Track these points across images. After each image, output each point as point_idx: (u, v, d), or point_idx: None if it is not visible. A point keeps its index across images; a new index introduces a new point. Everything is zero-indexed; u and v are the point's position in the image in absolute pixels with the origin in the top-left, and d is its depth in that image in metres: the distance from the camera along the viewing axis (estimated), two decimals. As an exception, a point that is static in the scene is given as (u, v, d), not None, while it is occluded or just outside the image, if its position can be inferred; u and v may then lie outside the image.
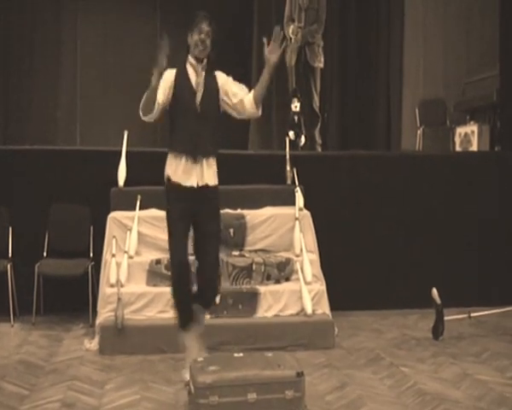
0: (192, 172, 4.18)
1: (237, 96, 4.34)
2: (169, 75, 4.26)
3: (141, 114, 4.19)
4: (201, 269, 4.29)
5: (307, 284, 5.37)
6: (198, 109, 4.24)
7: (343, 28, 9.44)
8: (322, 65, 7.33)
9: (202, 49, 4.25)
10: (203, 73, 4.29)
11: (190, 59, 4.31)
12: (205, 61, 4.30)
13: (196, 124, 4.22)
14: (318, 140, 7.37)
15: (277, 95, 9.14)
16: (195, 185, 4.19)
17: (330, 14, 7.63)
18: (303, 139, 7.05)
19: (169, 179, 4.22)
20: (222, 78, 4.38)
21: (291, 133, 6.96)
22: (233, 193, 5.94)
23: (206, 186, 4.22)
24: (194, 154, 4.19)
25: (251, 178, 6.13)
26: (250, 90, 4.33)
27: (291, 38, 7.19)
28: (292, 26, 7.21)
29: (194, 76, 4.28)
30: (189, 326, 4.23)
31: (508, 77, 7.15)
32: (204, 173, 4.21)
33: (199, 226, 4.26)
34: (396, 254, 6.42)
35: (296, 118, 7.02)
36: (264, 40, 4.25)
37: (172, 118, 4.29)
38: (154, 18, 9.59)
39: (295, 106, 7.02)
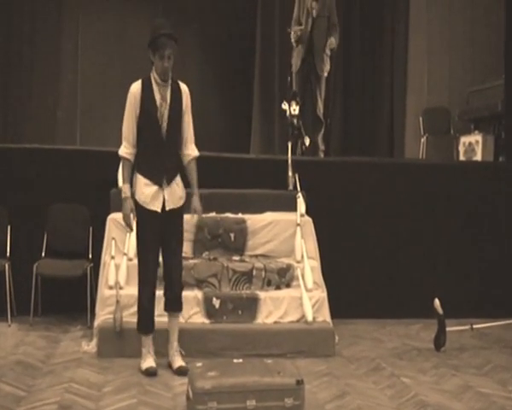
0: (158, 197, 4.43)
1: (183, 135, 4.53)
2: (134, 96, 4.39)
3: None
4: (169, 270, 4.58)
5: (308, 290, 5.33)
6: (164, 137, 4.42)
7: (347, 35, 9.38)
8: (326, 74, 7.31)
9: (167, 74, 4.39)
10: (168, 92, 4.43)
11: (156, 76, 4.42)
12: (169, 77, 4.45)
13: (162, 149, 4.42)
14: (321, 146, 7.35)
15: (280, 99, 9.12)
16: (160, 210, 4.44)
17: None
18: (307, 141, 7.01)
19: (136, 201, 4.45)
20: (186, 97, 4.53)
21: (307, 138, 6.96)
22: (234, 197, 5.93)
23: (174, 209, 4.50)
24: (160, 181, 4.42)
25: (252, 183, 6.10)
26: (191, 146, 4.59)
27: (297, 42, 7.14)
28: (292, 31, 7.16)
29: (160, 97, 4.40)
30: (148, 332, 4.60)
31: (513, 87, 7.13)
32: (172, 197, 4.47)
33: (166, 240, 4.51)
34: (398, 263, 6.39)
35: (295, 121, 6.98)
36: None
37: (138, 139, 4.45)
38: (156, 17, 9.55)
39: (293, 109, 6.98)
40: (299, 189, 6.01)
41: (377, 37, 9.52)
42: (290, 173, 6.13)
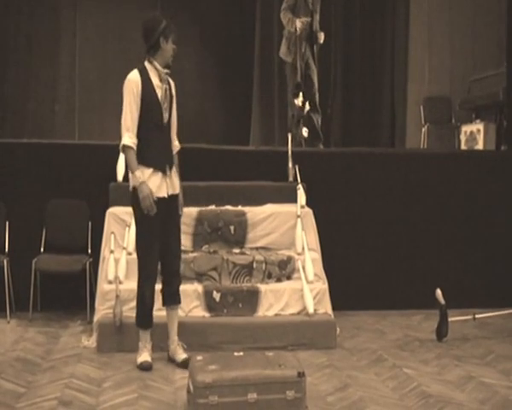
0: (163, 184, 4.44)
1: (174, 125, 4.62)
2: (136, 86, 4.38)
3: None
4: (169, 263, 4.58)
5: (309, 282, 5.30)
6: (164, 123, 4.48)
7: (347, 24, 9.36)
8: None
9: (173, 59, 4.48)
10: (166, 80, 4.49)
11: (156, 64, 4.46)
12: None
13: (163, 136, 4.47)
14: (321, 136, 7.28)
15: (279, 91, 9.08)
16: (167, 195, 4.46)
17: (334, 8, 7.54)
18: (306, 133, 6.97)
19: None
20: (174, 90, 4.60)
21: (304, 130, 6.89)
22: (234, 189, 5.90)
23: (174, 195, 4.54)
24: (164, 167, 4.44)
25: (252, 175, 6.07)
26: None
27: (299, 30, 7.03)
28: (298, 21, 7.05)
29: (159, 84, 4.44)
30: (148, 326, 4.58)
31: (514, 75, 7.08)
32: (172, 183, 4.50)
33: (167, 229, 4.50)
34: (399, 254, 6.35)
35: (303, 112, 6.92)
36: None
37: (138, 129, 4.43)
38: (154, 10, 9.50)
39: (301, 100, 6.92)
40: (299, 180, 5.97)
41: (378, 25, 9.45)
42: (290, 165, 6.08)
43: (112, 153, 5.82)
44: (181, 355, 4.58)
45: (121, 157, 5.81)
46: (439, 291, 5.31)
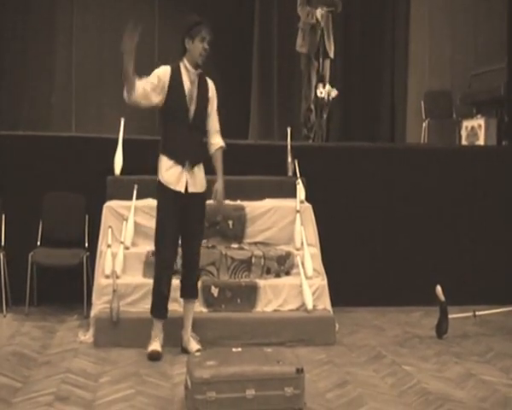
0: (182, 179, 4.50)
1: (210, 125, 4.65)
2: (163, 75, 4.47)
3: (125, 96, 4.37)
4: (188, 256, 4.64)
5: (308, 278, 5.27)
6: (190, 121, 4.53)
7: (347, 17, 9.30)
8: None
9: (204, 58, 4.55)
10: (197, 81, 4.55)
11: (187, 64, 4.54)
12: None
13: (189, 133, 4.52)
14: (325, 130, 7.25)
15: (278, 85, 9.05)
16: (183, 191, 4.51)
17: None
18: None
19: (160, 182, 4.53)
20: (212, 90, 4.67)
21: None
22: (232, 184, 5.80)
23: (196, 193, 4.58)
24: (183, 162, 4.51)
25: (251, 169, 6.04)
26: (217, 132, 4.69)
27: (318, 21, 6.97)
28: (318, 11, 6.98)
29: (189, 83, 4.52)
30: (162, 317, 4.61)
31: (516, 70, 7.05)
32: (194, 181, 4.58)
33: (186, 225, 4.56)
34: (399, 250, 6.33)
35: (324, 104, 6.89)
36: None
37: (164, 122, 4.56)
38: (151, 3, 9.46)
39: (321, 92, 6.88)
40: (298, 175, 5.94)
41: (378, 19, 9.43)
42: (290, 159, 6.07)
43: (109, 146, 5.81)
44: (195, 346, 4.62)
45: (119, 150, 5.79)
46: (439, 288, 5.29)
